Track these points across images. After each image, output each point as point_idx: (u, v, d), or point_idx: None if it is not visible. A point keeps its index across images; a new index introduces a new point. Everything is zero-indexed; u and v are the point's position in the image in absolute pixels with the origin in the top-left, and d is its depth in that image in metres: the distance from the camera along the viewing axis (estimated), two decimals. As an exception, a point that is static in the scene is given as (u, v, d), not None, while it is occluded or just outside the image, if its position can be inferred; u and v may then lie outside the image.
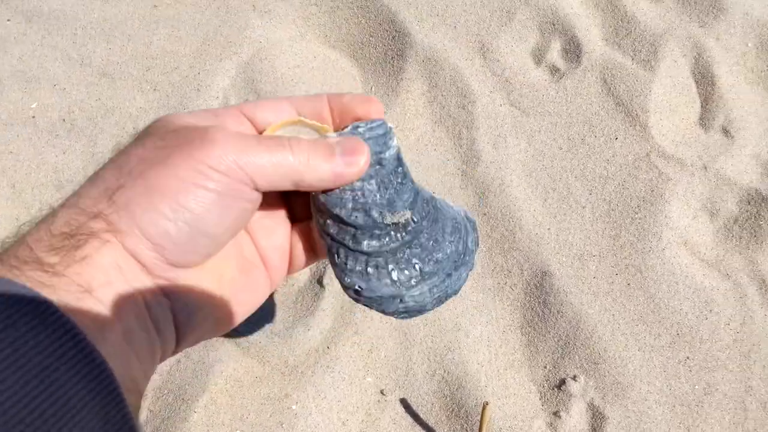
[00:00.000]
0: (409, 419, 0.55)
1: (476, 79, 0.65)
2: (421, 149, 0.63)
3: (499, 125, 0.64)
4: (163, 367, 0.54)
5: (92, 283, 0.23)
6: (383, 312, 0.32)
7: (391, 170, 0.30)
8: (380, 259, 0.31)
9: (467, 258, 0.34)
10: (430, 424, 0.54)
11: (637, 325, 0.56)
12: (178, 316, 0.27)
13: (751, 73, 0.65)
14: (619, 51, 0.65)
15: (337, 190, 0.29)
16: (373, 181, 0.29)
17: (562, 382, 0.55)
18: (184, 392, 0.53)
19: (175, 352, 0.28)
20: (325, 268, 0.59)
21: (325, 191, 0.29)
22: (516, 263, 0.58)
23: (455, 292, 0.34)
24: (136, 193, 0.25)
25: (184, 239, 0.25)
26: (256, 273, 0.31)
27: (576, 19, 0.67)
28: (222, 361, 0.53)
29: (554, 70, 0.66)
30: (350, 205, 0.29)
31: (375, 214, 0.29)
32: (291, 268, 0.33)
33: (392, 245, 0.30)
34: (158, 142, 0.26)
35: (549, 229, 0.59)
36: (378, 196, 0.30)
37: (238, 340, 0.54)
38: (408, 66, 0.66)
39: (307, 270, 0.59)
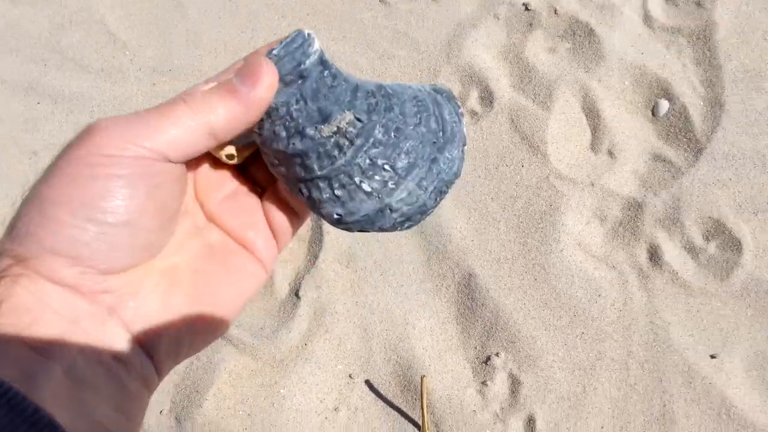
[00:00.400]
0: (373, 395, 0.71)
1: (413, 125, 0.83)
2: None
3: (433, 160, 0.81)
4: (180, 367, 0.70)
5: (18, 326, 0.21)
6: (382, 229, 0.29)
7: (315, 78, 0.27)
8: (342, 176, 0.28)
9: (450, 134, 0.30)
10: (388, 398, 0.70)
11: (543, 310, 0.72)
12: (137, 331, 0.24)
13: (630, 105, 0.82)
14: (523, 95, 0.82)
15: (267, 125, 0.27)
16: (297, 98, 0.27)
17: (488, 358, 0.71)
18: (198, 386, 0.69)
19: (167, 367, 0.26)
20: (300, 282, 0.75)
21: (259, 133, 0.27)
22: (449, 269, 0.74)
23: (455, 175, 0.30)
24: (33, 214, 0.23)
25: (98, 238, 0.23)
26: (235, 259, 0.28)
27: (489, 72, 0.84)
28: (225, 360, 0.70)
29: (473, 114, 0.83)
30: (284, 134, 0.27)
31: (310, 131, 0.27)
32: (279, 241, 0.30)
33: (346, 156, 0.27)
34: (53, 162, 0.24)
35: (473, 240, 0.75)
36: (306, 112, 0.27)
37: (235, 342, 0.70)
38: (359, 118, 0.83)
39: (286, 284, 0.75)
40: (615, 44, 0.83)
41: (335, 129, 0.27)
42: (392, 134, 0.28)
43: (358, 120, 0.27)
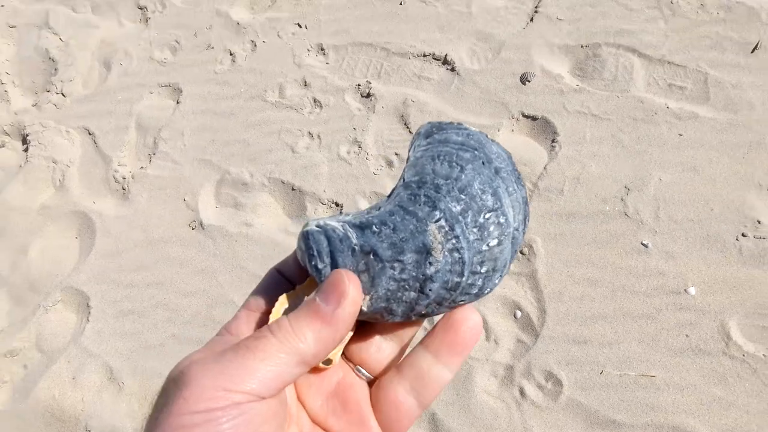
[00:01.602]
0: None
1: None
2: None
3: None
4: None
5: None
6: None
7: (376, 242, 0.26)
8: (475, 258, 0.29)
9: (477, 142, 0.32)
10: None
11: (471, 427, 1.44)
12: None
13: (501, 315, 1.63)
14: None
15: (395, 305, 0.27)
16: (391, 268, 0.26)
17: (447, 456, 1.41)
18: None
19: None
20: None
21: (395, 315, 0.27)
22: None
23: (510, 155, 0.33)
24: None
25: None
26: None
27: (431, 306, 1.66)
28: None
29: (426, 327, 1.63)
30: (414, 295, 0.27)
31: (430, 270, 0.27)
32: (402, 423, 0.30)
33: (464, 248, 0.28)
34: (153, 412, 0.25)
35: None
36: (409, 266, 0.27)
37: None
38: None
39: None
40: (491, 285, 1.66)
41: (440, 247, 0.28)
42: (462, 196, 0.29)
43: (438, 221, 0.28)
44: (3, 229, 1.96)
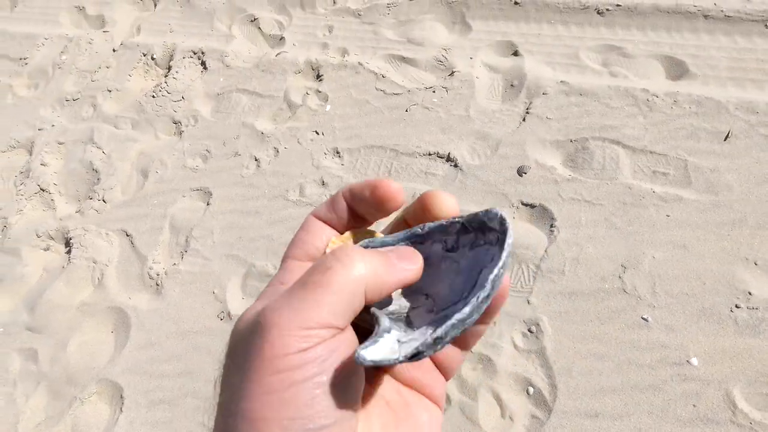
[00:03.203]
0: None
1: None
2: None
3: None
4: None
5: None
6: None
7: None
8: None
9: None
10: None
11: (491, 505, 1.48)
12: None
13: (514, 391, 1.70)
14: (468, 398, 1.71)
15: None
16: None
17: None
18: None
19: None
20: None
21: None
22: (443, 491, 1.52)
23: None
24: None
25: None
26: (414, 409, 0.31)
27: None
28: None
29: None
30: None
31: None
32: (448, 371, 0.34)
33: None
34: (235, 363, 0.26)
35: (452, 474, 1.55)
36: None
37: None
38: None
39: None
40: (503, 363, 1.75)
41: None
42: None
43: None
44: (45, 326, 2.11)
